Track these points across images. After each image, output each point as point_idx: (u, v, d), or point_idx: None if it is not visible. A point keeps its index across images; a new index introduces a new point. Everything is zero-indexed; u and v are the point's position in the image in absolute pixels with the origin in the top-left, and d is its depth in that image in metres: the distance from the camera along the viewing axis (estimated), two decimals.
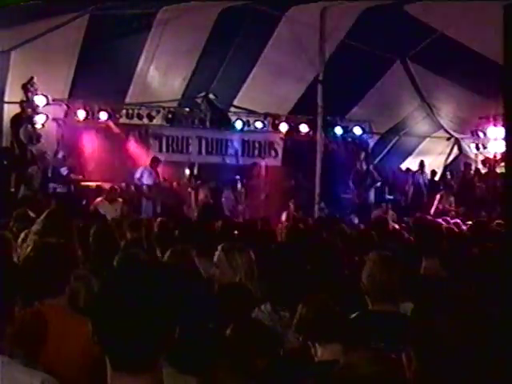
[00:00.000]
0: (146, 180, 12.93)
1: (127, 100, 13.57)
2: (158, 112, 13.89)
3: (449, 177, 15.61)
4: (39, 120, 12.27)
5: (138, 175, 12.99)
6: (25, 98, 11.92)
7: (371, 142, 15.96)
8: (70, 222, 4.42)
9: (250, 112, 14.86)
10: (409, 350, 1.58)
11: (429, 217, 11.86)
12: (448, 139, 16.41)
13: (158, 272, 1.65)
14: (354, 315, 3.07)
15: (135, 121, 13.68)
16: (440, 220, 8.74)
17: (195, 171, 14.18)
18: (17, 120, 11.72)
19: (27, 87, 11.92)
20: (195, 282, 3.49)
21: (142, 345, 1.53)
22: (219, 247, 4.06)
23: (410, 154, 16.59)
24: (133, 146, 13.69)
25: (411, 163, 16.56)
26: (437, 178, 15.84)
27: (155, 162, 13.20)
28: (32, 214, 5.73)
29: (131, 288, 1.55)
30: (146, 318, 1.52)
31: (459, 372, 1.50)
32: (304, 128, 14.83)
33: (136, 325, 1.51)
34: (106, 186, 12.15)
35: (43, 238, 4.11)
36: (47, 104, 12.41)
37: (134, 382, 1.53)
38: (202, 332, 2.20)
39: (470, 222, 8.98)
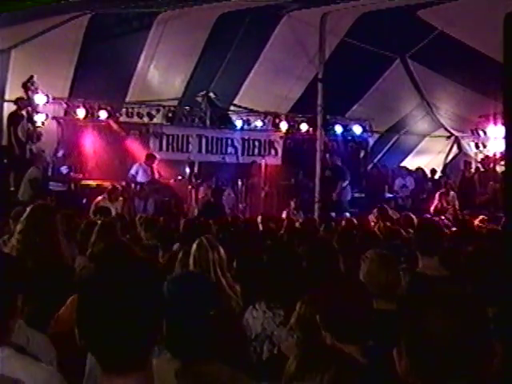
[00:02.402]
0: (141, 177, 12.81)
1: (127, 99, 13.57)
2: (159, 111, 13.90)
3: (448, 175, 15.61)
4: (39, 119, 12.29)
5: (132, 172, 12.79)
6: (25, 97, 11.91)
7: (371, 141, 15.96)
8: (54, 218, 4.39)
9: (250, 111, 14.87)
10: (400, 346, 1.58)
11: (428, 215, 11.90)
12: (448, 138, 16.43)
13: (140, 272, 1.64)
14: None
15: (135, 119, 13.69)
16: (440, 218, 8.76)
17: (195, 170, 14.18)
18: (13, 118, 11.70)
19: (27, 86, 11.92)
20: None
21: (130, 344, 1.52)
22: (194, 243, 4.09)
23: (409, 152, 16.61)
24: (133, 145, 13.68)
25: (411, 162, 16.58)
26: (436, 177, 15.84)
27: (150, 158, 13.04)
28: None
29: (114, 289, 1.54)
30: (131, 318, 1.51)
31: (448, 369, 1.50)
32: (304, 127, 14.84)
33: (122, 325, 1.50)
34: (106, 184, 12.15)
35: (26, 236, 4.12)
36: (47, 102, 12.43)
37: (124, 381, 1.53)
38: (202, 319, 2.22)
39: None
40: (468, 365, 1.49)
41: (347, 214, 12.21)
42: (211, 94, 14.30)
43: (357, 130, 15.31)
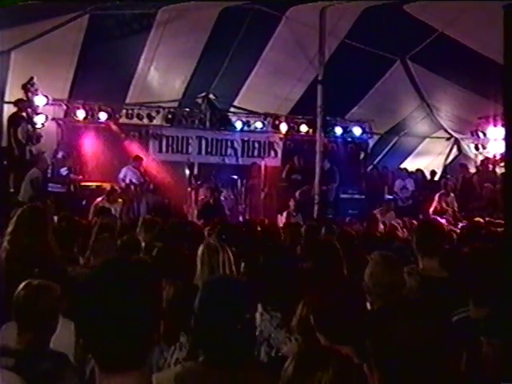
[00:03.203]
0: (130, 180, 12.75)
1: (127, 100, 13.58)
2: (158, 112, 13.91)
3: (448, 177, 15.62)
4: (39, 120, 12.28)
5: (121, 176, 12.68)
6: (25, 98, 11.91)
7: (371, 142, 15.97)
8: (44, 219, 4.38)
9: (250, 112, 14.87)
10: (370, 358, 1.55)
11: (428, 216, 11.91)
12: (448, 139, 16.44)
13: (138, 271, 1.64)
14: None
15: (135, 121, 13.69)
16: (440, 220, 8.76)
17: (195, 171, 14.18)
18: (13, 120, 11.69)
19: (27, 87, 11.92)
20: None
21: (128, 344, 1.52)
22: (202, 245, 4.07)
23: (409, 154, 16.62)
24: (133, 147, 13.68)
25: (411, 163, 16.58)
26: (436, 178, 15.84)
27: (138, 160, 13.00)
28: None
29: (112, 288, 1.54)
30: (129, 317, 1.51)
31: (418, 381, 1.47)
32: (304, 128, 14.85)
33: (120, 324, 1.50)
34: (106, 186, 12.13)
35: (15, 238, 4.12)
36: (47, 104, 12.43)
37: (122, 381, 1.53)
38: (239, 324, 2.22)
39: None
40: (436, 375, 1.46)
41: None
42: (211, 96, 14.32)
43: (357, 131, 15.32)
